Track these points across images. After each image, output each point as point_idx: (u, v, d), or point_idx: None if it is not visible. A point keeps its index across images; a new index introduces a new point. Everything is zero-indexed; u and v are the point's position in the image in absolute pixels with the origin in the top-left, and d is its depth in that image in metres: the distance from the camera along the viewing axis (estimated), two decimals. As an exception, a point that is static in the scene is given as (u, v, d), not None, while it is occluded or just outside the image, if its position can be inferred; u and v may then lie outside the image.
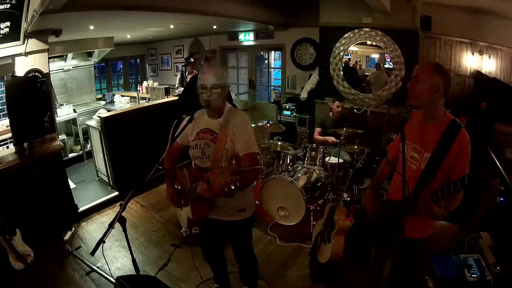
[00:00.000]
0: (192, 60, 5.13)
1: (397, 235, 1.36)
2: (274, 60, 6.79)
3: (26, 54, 2.91)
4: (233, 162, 1.38)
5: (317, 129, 4.03)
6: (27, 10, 2.66)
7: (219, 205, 1.75)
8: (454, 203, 1.44)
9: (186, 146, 1.84)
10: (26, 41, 2.85)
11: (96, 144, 4.17)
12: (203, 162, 1.72)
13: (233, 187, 1.35)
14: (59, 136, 4.15)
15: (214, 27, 5.59)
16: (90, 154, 4.79)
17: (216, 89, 1.63)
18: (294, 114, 5.34)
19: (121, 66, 8.03)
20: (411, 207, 1.48)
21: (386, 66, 4.79)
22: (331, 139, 3.75)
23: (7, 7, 2.57)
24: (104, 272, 2.54)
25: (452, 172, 1.47)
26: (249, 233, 2.04)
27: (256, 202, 3.37)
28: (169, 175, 1.83)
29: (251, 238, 2.07)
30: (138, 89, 6.62)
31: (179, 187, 1.80)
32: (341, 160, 3.46)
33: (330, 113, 3.97)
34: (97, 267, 2.60)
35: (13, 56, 2.86)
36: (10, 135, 3.32)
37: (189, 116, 1.69)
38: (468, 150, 1.46)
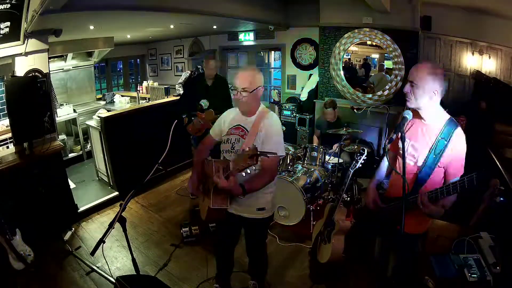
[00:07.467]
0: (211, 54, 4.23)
1: (397, 231, 1.38)
2: (274, 60, 6.79)
3: (26, 54, 2.90)
4: (252, 147, 1.44)
5: (317, 131, 4.07)
6: (27, 10, 2.66)
7: (238, 200, 1.79)
8: (451, 200, 1.45)
9: (218, 140, 1.94)
10: (26, 41, 2.84)
11: (96, 144, 4.17)
12: (232, 156, 1.77)
13: (249, 172, 1.44)
14: (59, 136, 4.15)
15: (214, 27, 5.59)
16: (90, 154, 4.79)
17: (245, 92, 1.69)
18: (294, 114, 5.35)
19: (121, 66, 8.03)
20: (410, 204, 1.49)
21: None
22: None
23: (7, 7, 2.57)
24: (104, 272, 2.54)
25: (448, 170, 1.49)
26: (264, 233, 2.12)
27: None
28: (197, 166, 1.91)
29: (266, 238, 2.15)
30: (138, 89, 6.63)
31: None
32: (341, 160, 3.46)
33: (323, 116, 3.93)
34: (97, 267, 2.60)
35: (13, 56, 2.85)
36: (10, 135, 3.32)
37: (187, 115, 1.69)
38: (464, 149, 1.47)
